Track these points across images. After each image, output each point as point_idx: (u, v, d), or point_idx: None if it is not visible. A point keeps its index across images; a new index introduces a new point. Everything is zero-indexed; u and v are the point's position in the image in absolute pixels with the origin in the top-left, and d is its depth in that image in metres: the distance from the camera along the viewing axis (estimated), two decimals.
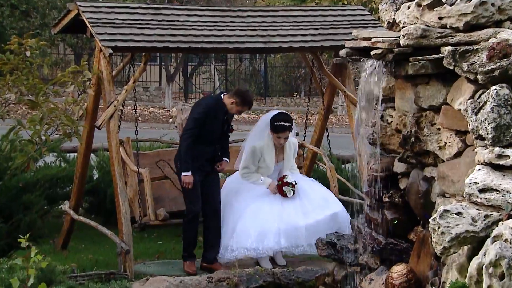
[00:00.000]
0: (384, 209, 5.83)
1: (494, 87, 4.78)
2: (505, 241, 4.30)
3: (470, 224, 4.56)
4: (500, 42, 4.92)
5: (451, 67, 5.06)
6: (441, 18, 5.38)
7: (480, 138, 4.83)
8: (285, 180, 7.86)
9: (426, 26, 5.40)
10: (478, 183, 4.67)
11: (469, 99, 4.94)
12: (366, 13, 9.06)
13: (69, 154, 10.31)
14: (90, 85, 7.73)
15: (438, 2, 5.43)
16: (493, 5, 5.25)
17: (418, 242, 5.52)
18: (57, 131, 7.21)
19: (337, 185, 8.32)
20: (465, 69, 4.96)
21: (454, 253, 4.72)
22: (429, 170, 5.57)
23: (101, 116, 7.63)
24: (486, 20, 5.25)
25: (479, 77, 4.88)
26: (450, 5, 5.32)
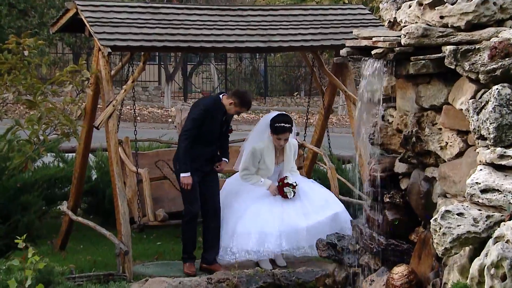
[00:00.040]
0: (385, 209, 5.81)
1: (496, 87, 4.76)
2: (507, 242, 4.28)
3: (472, 224, 4.54)
4: (502, 41, 4.89)
5: (453, 67, 5.03)
6: (442, 17, 5.36)
7: (481, 138, 4.81)
8: (285, 181, 7.85)
9: (427, 25, 5.37)
10: (480, 184, 4.64)
11: (470, 99, 4.91)
12: (367, 12, 9.05)
13: (67, 154, 10.30)
14: (89, 84, 7.73)
15: (439, 1, 5.40)
16: (494, 4, 5.22)
17: (419, 243, 5.50)
18: (55, 131, 7.19)
19: (337, 185, 8.31)
20: (466, 68, 4.94)
21: (455, 254, 4.69)
22: (430, 170, 5.54)
23: (99, 116, 7.62)
24: (488, 19, 5.23)
25: (481, 76, 4.86)
26: (452, 4, 5.30)
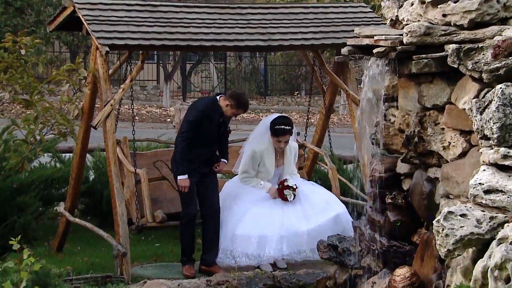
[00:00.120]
0: (386, 210, 5.77)
1: (499, 86, 4.72)
2: (510, 243, 4.25)
3: (475, 226, 4.52)
4: (505, 40, 4.85)
5: (456, 66, 4.99)
6: (445, 15, 5.31)
7: (485, 138, 4.77)
8: (285, 183, 7.81)
9: (430, 23, 5.33)
10: (483, 184, 4.62)
11: (473, 98, 4.88)
12: (368, 10, 9.04)
13: (64, 154, 10.27)
14: (86, 83, 7.72)
15: None
16: (498, 2, 5.18)
17: (421, 245, 5.46)
18: (52, 131, 7.16)
19: (338, 186, 8.30)
20: (469, 67, 4.90)
21: (458, 255, 4.66)
22: (433, 170, 5.50)
23: (97, 115, 7.59)
24: (491, 17, 5.18)
25: (484, 75, 4.82)
26: (454, 2, 5.26)
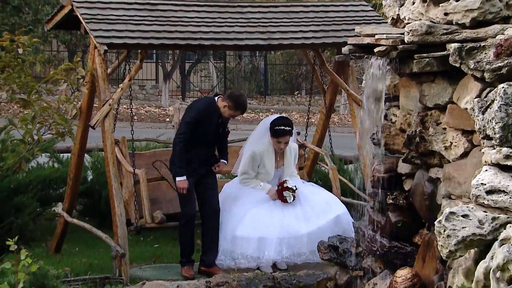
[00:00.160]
0: (388, 211, 5.76)
1: (501, 85, 4.70)
2: None
3: (477, 226, 4.52)
4: (508, 38, 4.83)
5: (457, 65, 4.97)
6: (446, 14, 5.29)
7: (487, 138, 4.75)
8: (285, 185, 7.79)
9: (432, 22, 5.31)
10: (485, 185, 4.60)
11: (475, 98, 4.86)
12: (369, 9, 9.01)
13: (62, 154, 10.26)
14: (84, 83, 7.69)
15: None
16: (500, 0, 5.16)
17: (423, 246, 5.44)
18: (50, 131, 7.11)
19: (339, 186, 8.29)
20: (471, 66, 4.88)
21: (460, 256, 4.66)
22: (434, 171, 5.49)
23: (95, 115, 7.58)
24: (494, 16, 5.16)
25: (486, 75, 4.80)
26: (456, 0, 5.23)
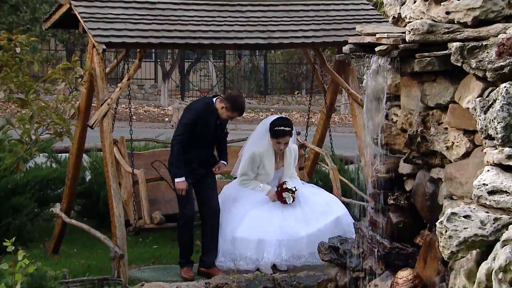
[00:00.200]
0: (389, 212, 5.75)
1: (503, 85, 4.68)
2: None
3: (479, 227, 4.51)
4: (510, 38, 4.81)
5: (459, 64, 4.96)
6: (448, 12, 5.28)
7: (489, 138, 4.74)
8: (284, 186, 7.75)
9: (433, 21, 5.30)
10: (487, 185, 4.59)
11: (477, 97, 4.84)
12: (370, 7, 8.98)
13: (60, 154, 10.24)
14: (82, 82, 7.68)
15: None
16: None
17: (424, 246, 5.43)
18: (47, 131, 7.09)
19: (339, 187, 8.27)
20: (473, 66, 4.87)
21: (462, 257, 4.64)
22: (436, 171, 5.47)
23: (94, 114, 7.56)
24: (496, 15, 5.15)
25: (488, 74, 4.79)
26: None
